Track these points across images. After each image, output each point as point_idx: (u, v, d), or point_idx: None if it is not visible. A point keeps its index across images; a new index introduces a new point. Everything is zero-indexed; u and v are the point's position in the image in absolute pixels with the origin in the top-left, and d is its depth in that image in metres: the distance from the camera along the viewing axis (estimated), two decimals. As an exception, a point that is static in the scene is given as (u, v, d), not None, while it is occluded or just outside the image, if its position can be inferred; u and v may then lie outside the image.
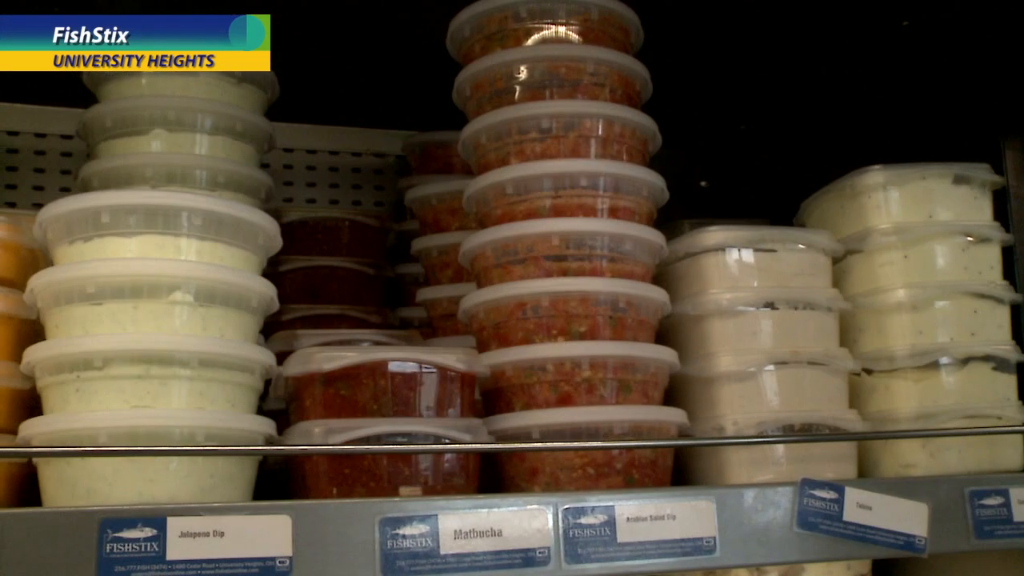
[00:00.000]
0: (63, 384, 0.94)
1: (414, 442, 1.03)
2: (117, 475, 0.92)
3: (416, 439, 1.03)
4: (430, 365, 1.05)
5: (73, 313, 0.95)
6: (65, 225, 0.97)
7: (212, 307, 0.97)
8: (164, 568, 0.84)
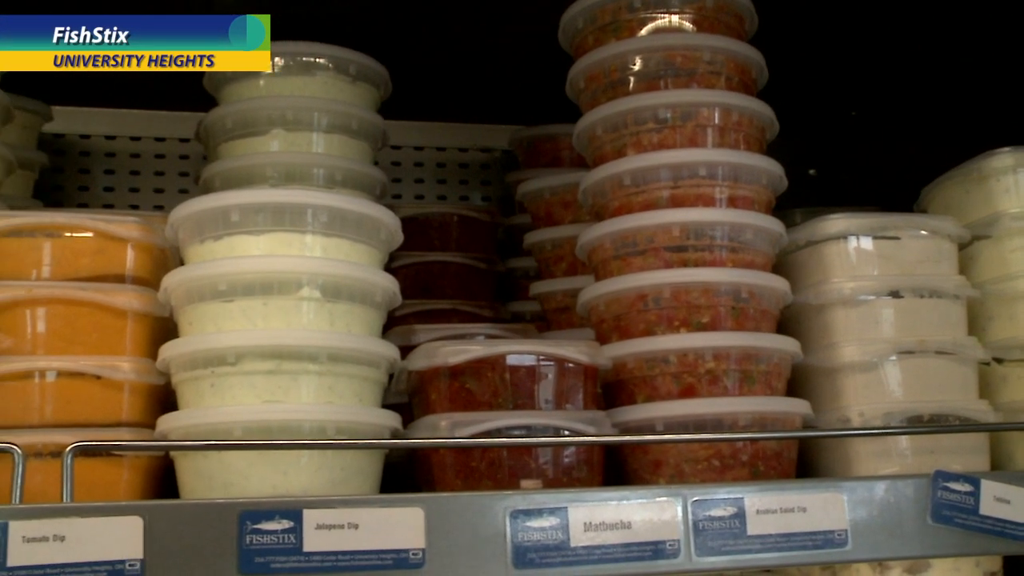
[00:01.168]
0: (198, 380, 0.96)
1: (538, 435, 1.03)
2: (252, 468, 0.94)
3: (540, 432, 1.03)
4: (554, 358, 1.05)
5: (206, 310, 0.97)
6: (196, 224, 1.00)
7: (338, 303, 0.98)
8: (302, 560, 0.85)
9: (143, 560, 0.82)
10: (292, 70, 1.25)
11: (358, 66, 1.28)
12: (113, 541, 0.82)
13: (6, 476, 0.98)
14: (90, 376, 1.01)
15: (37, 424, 1.00)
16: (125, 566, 0.82)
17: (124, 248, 1.05)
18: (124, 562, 0.82)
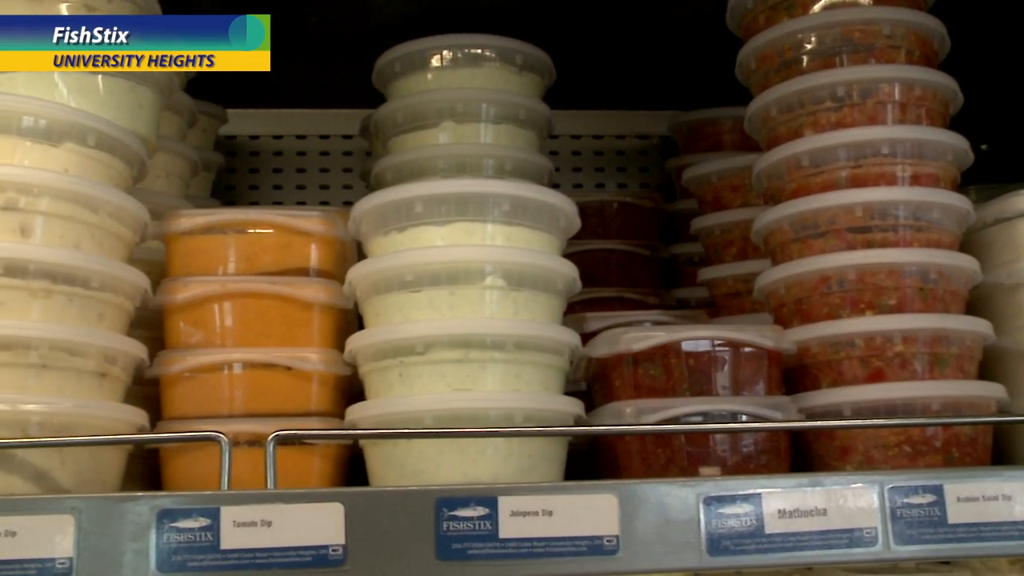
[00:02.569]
0: (386, 369, 0.98)
1: (722, 421, 1.02)
2: (442, 456, 0.95)
3: (724, 418, 1.02)
4: (737, 343, 1.03)
5: (393, 301, 0.99)
6: (379, 217, 1.01)
7: (522, 291, 0.99)
8: (498, 546, 0.86)
9: (345, 545, 0.84)
10: (460, 62, 1.27)
11: (524, 56, 1.28)
12: (317, 527, 0.84)
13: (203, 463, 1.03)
14: (281, 367, 1.04)
15: (229, 414, 1.04)
16: (329, 551, 0.84)
17: (309, 242, 1.07)
18: (328, 547, 0.84)
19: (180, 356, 1.03)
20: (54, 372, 0.92)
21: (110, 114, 1.00)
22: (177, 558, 0.82)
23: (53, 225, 0.93)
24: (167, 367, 1.03)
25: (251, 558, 0.83)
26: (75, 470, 0.92)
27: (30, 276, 0.91)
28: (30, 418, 0.89)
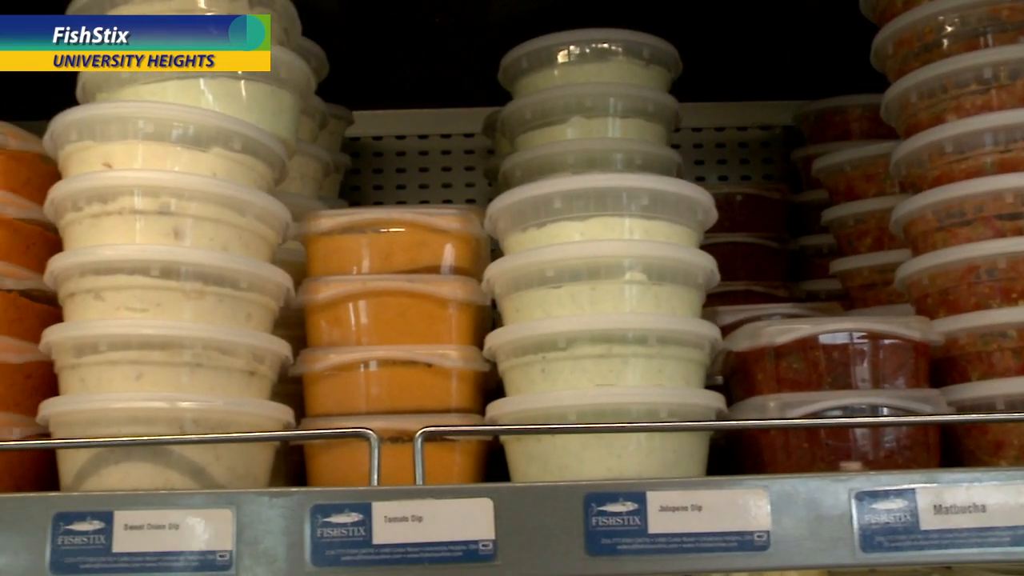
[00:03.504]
0: (528, 365, 0.98)
1: (870, 415, 1.00)
2: (586, 451, 0.95)
3: (871, 411, 1.00)
4: (882, 335, 1.01)
5: (533, 297, 0.99)
6: (517, 213, 1.02)
7: (663, 285, 0.98)
8: (647, 541, 0.85)
9: (495, 540, 0.84)
10: (587, 57, 1.26)
11: (651, 49, 1.27)
12: (467, 522, 0.85)
13: (346, 460, 1.05)
14: (421, 364, 1.05)
15: (370, 411, 1.05)
16: (479, 546, 0.84)
17: (446, 240, 1.08)
18: (478, 542, 0.84)
19: (323, 354, 1.05)
20: (207, 371, 0.94)
21: (253, 118, 1.02)
22: (331, 552, 0.84)
23: (203, 228, 0.96)
24: (310, 365, 1.05)
25: (403, 553, 0.84)
26: (229, 466, 0.94)
27: (183, 278, 0.94)
28: (186, 415, 0.92)
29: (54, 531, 0.85)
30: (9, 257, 1.01)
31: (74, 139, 0.97)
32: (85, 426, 0.93)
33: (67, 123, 0.98)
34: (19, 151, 1.03)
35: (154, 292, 0.93)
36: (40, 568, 0.84)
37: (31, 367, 1.01)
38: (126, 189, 0.94)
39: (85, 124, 0.97)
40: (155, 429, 0.92)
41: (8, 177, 1.02)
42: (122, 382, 0.93)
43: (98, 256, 0.94)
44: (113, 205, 0.94)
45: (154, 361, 0.93)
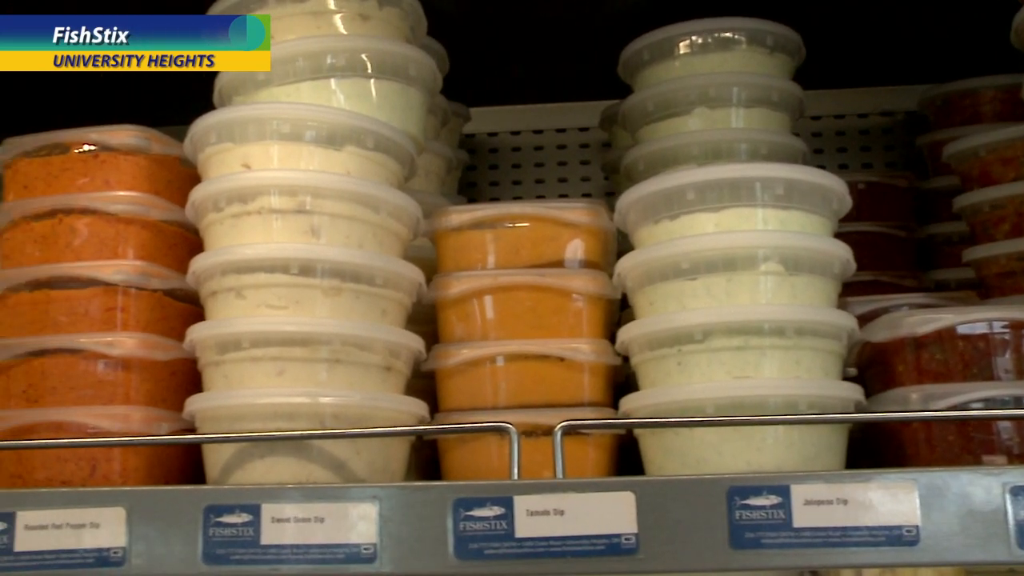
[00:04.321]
0: (663, 359, 0.98)
1: (1012, 406, 0.97)
2: (725, 445, 0.94)
3: (1014, 403, 0.97)
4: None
5: (667, 289, 0.98)
6: (649, 206, 1.01)
7: (799, 275, 0.96)
8: (792, 535, 0.84)
9: (637, 534, 0.84)
10: (710, 47, 1.25)
11: (775, 37, 1.25)
12: (609, 515, 0.84)
13: (480, 454, 1.06)
14: (554, 358, 1.05)
15: (504, 405, 1.06)
16: (621, 539, 0.84)
17: (576, 234, 1.08)
18: (620, 536, 0.84)
19: (455, 349, 1.06)
20: (345, 366, 0.96)
21: (384, 116, 1.03)
22: (474, 545, 0.84)
23: (339, 226, 0.97)
24: (443, 360, 1.06)
25: (545, 546, 0.84)
26: (369, 460, 0.95)
27: (321, 275, 0.95)
28: (327, 410, 0.94)
29: (205, 523, 0.87)
30: (153, 258, 1.04)
31: (213, 141, 1.00)
32: (230, 421, 0.95)
33: (207, 126, 1.00)
34: (161, 155, 1.05)
35: (293, 289, 0.95)
36: (193, 558, 0.87)
37: (176, 364, 1.03)
38: (265, 189, 0.96)
39: (224, 126, 0.99)
40: (297, 424, 0.93)
41: (151, 180, 1.05)
42: (264, 378, 0.95)
43: (239, 255, 0.96)
44: (252, 205, 0.96)
45: (295, 357, 0.94)
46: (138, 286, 1.02)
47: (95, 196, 1.03)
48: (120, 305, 1.01)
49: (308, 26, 1.04)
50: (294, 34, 1.04)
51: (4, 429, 1.00)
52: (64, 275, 1.02)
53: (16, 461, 1.00)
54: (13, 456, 1.00)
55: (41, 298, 1.02)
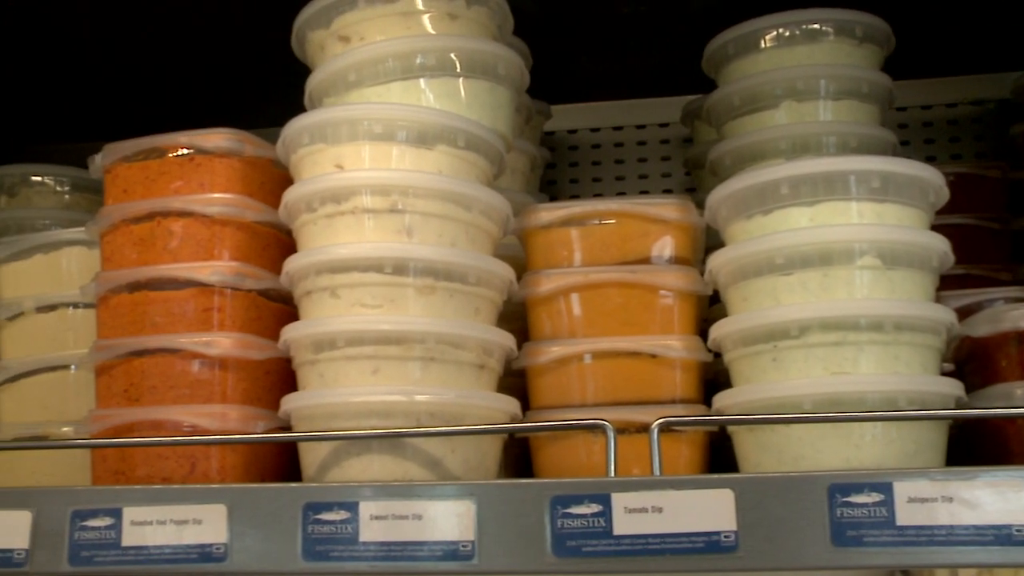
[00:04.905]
0: (758, 355, 0.97)
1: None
2: (823, 442, 0.93)
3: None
4: None
5: (761, 285, 0.97)
6: (741, 201, 1.00)
7: (897, 269, 0.95)
8: (895, 534, 0.83)
9: (736, 531, 0.83)
10: (796, 39, 1.23)
11: (864, 27, 1.23)
12: (707, 513, 0.84)
13: (572, 451, 1.06)
14: (645, 355, 1.04)
15: (595, 402, 1.05)
16: (721, 537, 0.83)
17: (666, 230, 1.08)
18: (719, 533, 0.83)
19: (546, 347, 1.06)
20: (439, 365, 0.96)
21: (474, 115, 1.04)
22: (572, 543, 0.84)
23: (431, 224, 0.98)
24: (534, 358, 1.06)
25: (643, 544, 0.84)
26: (463, 458, 0.96)
27: (415, 274, 0.96)
28: (421, 408, 0.94)
29: (304, 520, 0.88)
30: (248, 259, 1.05)
31: (306, 143, 1.01)
32: (326, 420, 0.96)
33: (299, 127, 1.01)
34: (254, 157, 1.07)
35: (387, 288, 0.96)
36: (293, 555, 0.88)
37: (270, 363, 1.05)
38: (358, 189, 0.97)
39: (317, 128, 1.00)
40: (392, 422, 0.94)
41: (245, 182, 1.06)
42: (359, 376, 0.96)
43: (333, 255, 0.97)
44: (346, 205, 0.97)
45: (389, 356, 0.95)
46: (234, 286, 1.03)
47: (191, 199, 1.05)
48: (217, 305, 1.03)
49: (398, 26, 1.05)
50: (384, 35, 1.05)
51: (107, 427, 1.03)
52: (162, 276, 1.04)
53: (119, 458, 1.02)
54: (116, 453, 1.02)
55: (140, 299, 1.04)
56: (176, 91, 1.60)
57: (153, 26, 1.43)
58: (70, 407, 1.18)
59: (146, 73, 1.56)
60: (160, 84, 1.59)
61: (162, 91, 1.60)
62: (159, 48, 1.49)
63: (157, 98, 1.61)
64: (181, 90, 1.59)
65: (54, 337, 1.20)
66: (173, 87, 1.59)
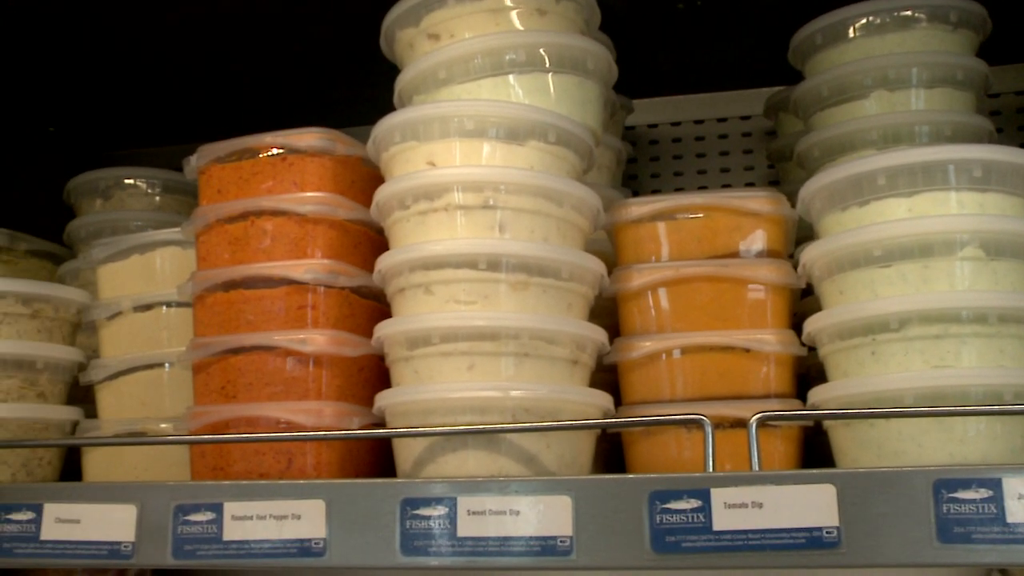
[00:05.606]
0: (856, 348, 0.95)
1: None
2: (925, 436, 0.91)
3: None
4: None
5: (859, 278, 0.96)
6: (836, 193, 0.98)
7: (1001, 260, 0.92)
8: (1005, 531, 0.81)
9: (839, 527, 0.82)
10: (887, 27, 1.21)
11: (959, 12, 1.21)
12: (809, 508, 0.83)
13: (663, 447, 1.05)
14: (739, 350, 1.04)
15: (685, 397, 1.05)
16: (823, 533, 0.82)
17: (758, 223, 1.07)
18: (821, 529, 0.82)
19: (638, 342, 1.05)
20: (533, 360, 0.97)
21: (563, 110, 1.04)
22: (671, 538, 0.84)
23: (523, 220, 0.98)
24: (626, 353, 1.06)
25: (744, 539, 0.83)
26: (558, 453, 0.96)
27: (508, 270, 0.96)
28: (517, 404, 0.94)
29: (402, 515, 0.89)
30: (340, 256, 1.06)
31: (398, 140, 1.02)
32: (421, 415, 0.97)
33: (391, 126, 1.02)
34: (345, 156, 1.08)
35: (481, 284, 0.96)
36: (391, 550, 0.89)
37: (363, 360, 1.06)
38: (450, 185, 0.97)
39: (409, 125, 1.00)
40: (488, 418, 0.94)
41: (336, 181, 1.07)
42: (454, 373, 0.96)
43: (427, 252, 0.97)
44: (439, 202, 0.98)
45: (484, 352, 0.95)
46: (327, 284, 1.04)
47: (284, 198, 1.06)
48: (311, 303, 1.04)
49: (486, 23, 1.05)
50: (473, 32, 1.05)
51: (205, 424, 1.04)
52: (257, 275, 1.05)
53: (217, 454, 1.04)
54: (214, 449, 1.04)
55: (236, 298, 1.06)
56: (267, 92, 1.61)
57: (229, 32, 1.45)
58: (166, 404, 1.21)
59: (222, 79, 1.59)
60: (252, 86, 1.61)
61: (255, 92, 1.62)
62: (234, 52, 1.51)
63: (248, 99, 1.63)
64: (271, 91, 1.61)
65: (150, 335, 1.23)
66: (264, 88, 1.61)
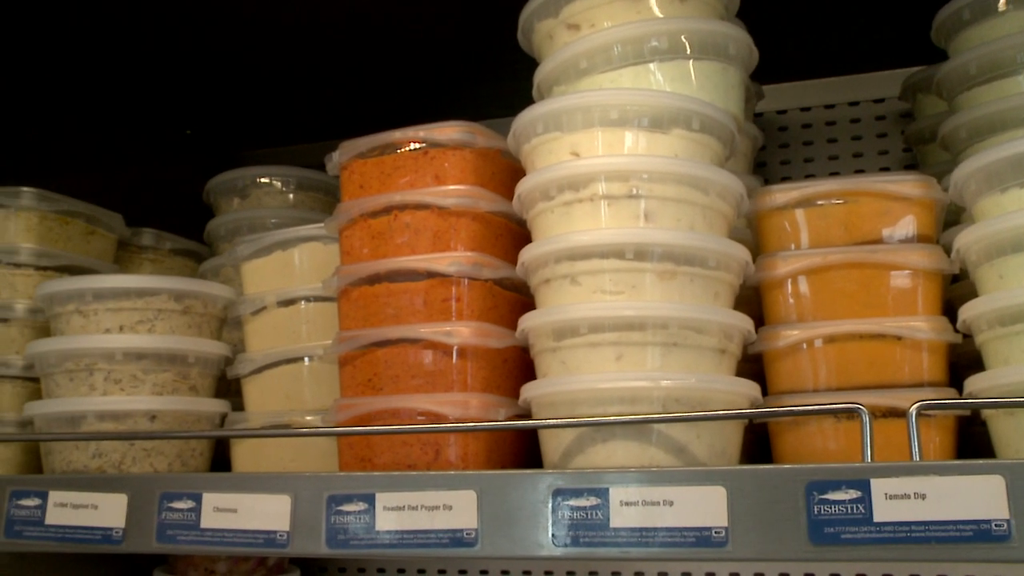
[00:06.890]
0: (1018, 335, 0.92)
1: None
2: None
3: None
4: None
5: (1021, 261, 0.92)
6: (994, 174, 0.95)
7: None
8: None
9: (1009, 520, 0.79)
10: (1038, 1, 1.17)
11: (1116, -17, 1.16)
12: (976, 500, 0.80)
13: (809, 437, 1.03)
14: (891, 337, 1.01)
15: (834, 386, 1.03)
16: (992, 525, 0.80)
17: (908, 208, 1.04)
18: (990, 521, 0.80)
19: (785, 331, 1.04)
20: (681, 350, 0.96)
21: (706, 96, 1.02)
22: (830, 530, 0.82)
23: (669, 209, 0.97)
24: (773, 342, 1.04)
25: (906, 531, 0.81)
26: (709, 443, 0.95)
27: (655, 259, 0.95)
28: (666, 394, 0.94)
29: (554, 506, 0.89)
30: (482, 248, 1.07)
31: (540, 132, 1.02)
32: (568, 406, 0.97)
33: (532, 118, 1.02)
34: (485, 148, 1.09)
35: (628, 274, 0.96)
36: (543, 540, 0.89)
37: (508, 352, 1.06)
38: (596, 176, 0.97)
39: (551, 116, 1.00)
40: (637, 408, 0.94)
41: (477, 173, 1.08)
42: (602, 363, 0.96)
43: (574, 242, 0.97)
44: (584, 192, 0.97)
45: (632, 342, 0.95)
46: (471, 276, 1.05)
47: (426, 191, 1.07)
48: (455, 295, 1.05)
49: (627, 12, 1.04)
50: (613, 20, 1.05)
51: (352, 416, 1.06)
52: (401, 268, 1.07)
53: (365, 446, 1.06)
54: (362, 440, 1.06)
55: (381, 291, 1.07)
56: (409, 88, 1.63)
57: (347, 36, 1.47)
58: (306, 397, 1.23)
59: (354, 77, 1.61)
60: (391, 82, 1.63)
61: (394, 88, 1.64)
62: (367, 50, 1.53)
63: (387, 95, 1.65)
64: (404, 88, 1.63)
65: (291, 330, 1.25)
66: (404, 84, 1.63)
